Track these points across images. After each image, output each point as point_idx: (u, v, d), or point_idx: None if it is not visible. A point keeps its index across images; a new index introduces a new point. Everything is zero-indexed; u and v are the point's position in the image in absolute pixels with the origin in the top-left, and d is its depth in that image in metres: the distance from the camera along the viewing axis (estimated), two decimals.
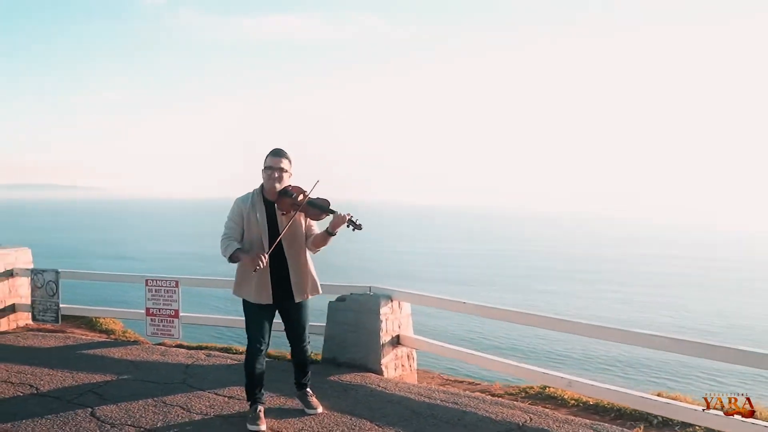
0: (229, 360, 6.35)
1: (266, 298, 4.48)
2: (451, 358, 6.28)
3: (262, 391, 4.63)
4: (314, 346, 6.67)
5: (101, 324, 8.19)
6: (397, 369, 6.21)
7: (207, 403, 4.99)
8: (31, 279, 7.81)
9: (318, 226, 4.60)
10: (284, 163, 4.43)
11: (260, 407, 4.55)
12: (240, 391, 4.95)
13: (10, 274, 7.87)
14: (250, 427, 4.43)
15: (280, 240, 4.39)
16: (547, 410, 4.98)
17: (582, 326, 5.05)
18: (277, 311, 4.64)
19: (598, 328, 4.98)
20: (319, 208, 4.38)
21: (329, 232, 4.35)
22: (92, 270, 10.72)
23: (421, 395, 5.25)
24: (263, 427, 4.43)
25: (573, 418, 4.78)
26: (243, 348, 5.87)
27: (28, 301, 7.86)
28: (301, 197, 4.38)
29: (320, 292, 4.69)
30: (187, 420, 4.64)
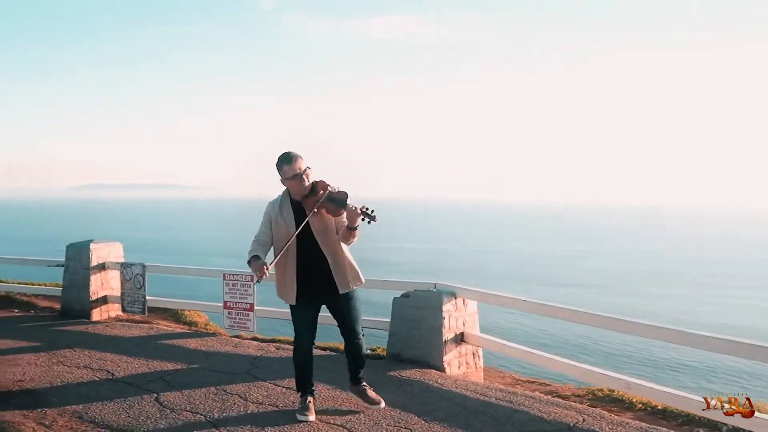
0: None
1: (291, 298, 4.56)
2: (516, 357, 6.13)
3: (312, 382, 4.72)
4: (381, 342, 6.72)
5: (186, 316, 8.55)
6: (461, 366, 6.13)
7: (265, 393, 5.14)
8: (121, 272, 8.29)
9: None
10: (304, 162, 4.42)
11: (310, 398, 4.65)
12: None
13: (102, 267, 8.39)
14: (300, 417, 4.54)
15: (315, 237, 4.42)
16: (604, 412, 4.76)
17: (639, 326, 4.81)
18: (324, 307, 4.70)
19: (653, 328, 4.73)
20: (336, 203, 4.31)
21: (349, 228, 4.35)
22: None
23: (477, 393, 5.16)
24: (312, 417, 4.52)
25: (629, 421, 4.54)
26: None
27: (119, 293, 8.35)
28: (321, 192, 4.35)
29: (363, 281, 4.65)
30: (242, 408, 4.80)
